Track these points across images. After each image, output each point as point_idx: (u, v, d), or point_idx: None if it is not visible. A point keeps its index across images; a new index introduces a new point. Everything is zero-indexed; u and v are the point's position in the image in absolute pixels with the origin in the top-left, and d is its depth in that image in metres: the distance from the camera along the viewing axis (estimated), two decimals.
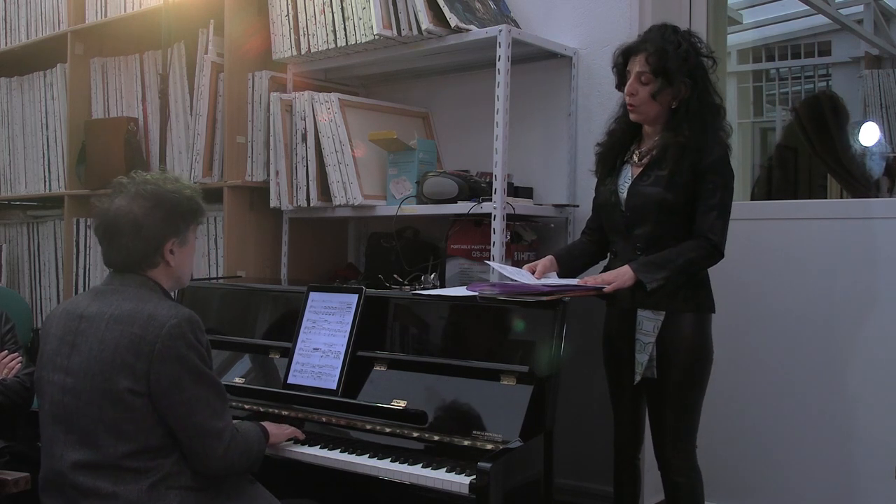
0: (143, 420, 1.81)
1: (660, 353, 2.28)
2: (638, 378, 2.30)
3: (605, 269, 2.46)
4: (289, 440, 2.26)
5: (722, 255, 2.25)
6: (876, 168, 4.03)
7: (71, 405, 1.84)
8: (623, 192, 2.34)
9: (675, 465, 2.31)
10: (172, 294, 2.04)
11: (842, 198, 3.64)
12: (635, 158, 2.37)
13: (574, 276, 2.46)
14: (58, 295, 3.94)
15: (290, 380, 2.43)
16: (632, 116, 2.34)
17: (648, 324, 2.27)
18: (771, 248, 2.90)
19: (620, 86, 2.40)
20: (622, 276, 2.20)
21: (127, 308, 1.86)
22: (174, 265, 1.98)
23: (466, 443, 2.08)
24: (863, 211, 2.81)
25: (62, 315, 1.95)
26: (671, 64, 2.23)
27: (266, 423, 2.15)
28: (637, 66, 2.29)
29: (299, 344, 2.46)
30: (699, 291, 2.30)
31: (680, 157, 2.23)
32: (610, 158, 2.42)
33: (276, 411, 2.41)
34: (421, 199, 2.86)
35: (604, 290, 2.19)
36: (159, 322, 1.82)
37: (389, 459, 2.10)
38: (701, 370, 2.30)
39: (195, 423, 1.83)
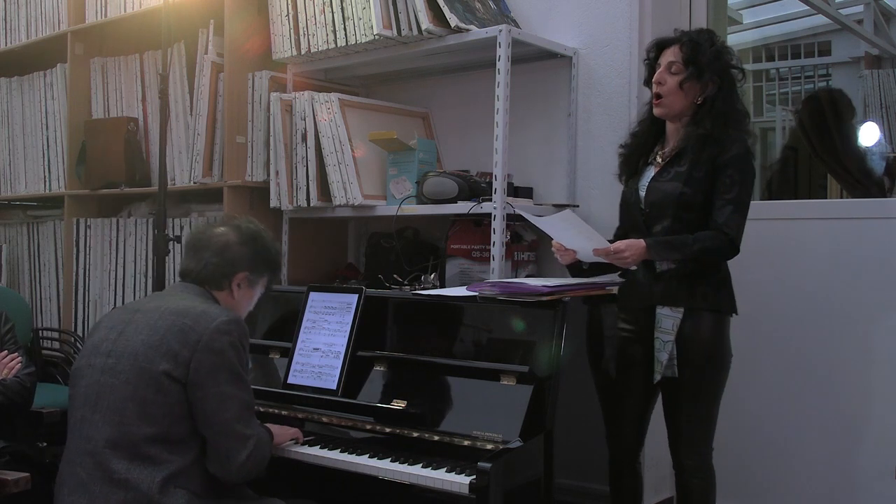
0: (173, 407, 1.87)
1: (677, 353, 2.25)
2: (658, 377, 2.26)
3: (622, 275, 2.45)
4: (290, 440, 2.26)
5: (737, 251, 2.23)
6: (876, 168, 4.03)
7: (106, 384, 1.90)
8: (643, 190, 2.34)
9: (689, 466, 2.29)
10: None
11: (842, 198, 3.64)
12: (658, 159, 2.36)
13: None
14: (58, 295, 3.93)
15: (290, 380, 2.43)
16: (656, 111, 2.33)
17: (667, 321, 2.24)
18: (771, 248, 2.89)
19: (649, 81, 2.39)
20: (634, 247, 2.19)
21: (183, 304, 1.98)
22: (236, 299, 2.11)
23: (466, 443, 2.08)
24: (863, 211, 2.81)
25: (117, 311, 2.09)
26: (703, 57, 2.25)
27: (269, 426, 2.16)
28: (669, 56, 2.31)
29: (299, 344, 2.46)
30: (719, 291, 2.28)
31: (700, 150, 2.23)
32: (633, 160, 2.42)
33: (276, 411, 2.41)
34: (421, 199, 2.86)
35: (614, 253, 2.20)
36: (211, 317, 1.93)
37: (389, 459, 2.10)
38: (717, 373, 2.28)
39: (223, 420, 1.89)
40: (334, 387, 2.35)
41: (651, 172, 2.36)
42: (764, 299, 2.88)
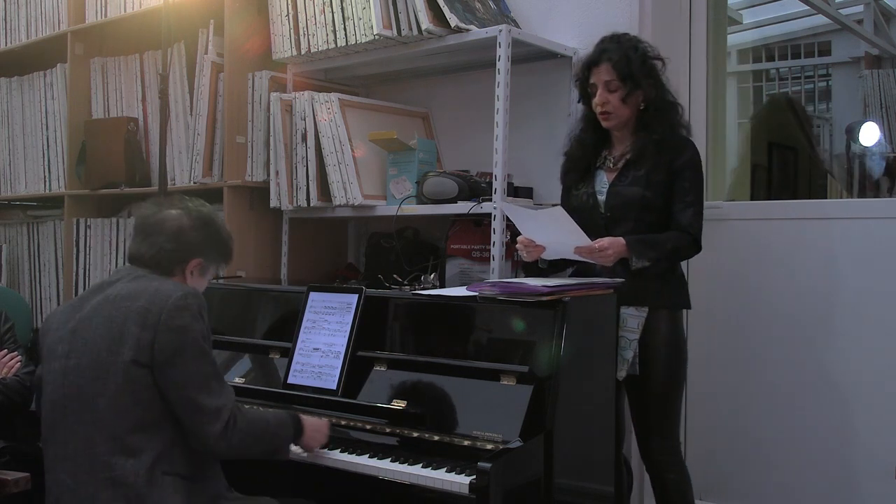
0: (142, 393, 1.83)
1: (640, 352, 2.34)
2: (623, 375, 2.33)
3: (573, 274, 2.49)
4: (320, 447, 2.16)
5: (700, 249, 2.35)
6: (876, 168, 4.04)
7: (72, 385, 1.87)
8: (602, 195, 2.41)
9: (663, 462, 2.36)
10: None
11: (842, 198, 3.64)
12: (609, 164, 2.44)
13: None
14: (58, 295, 3.94)
15: (290, 380, 2.43)
16: (606, 125, 2.42)
17: (633, 321, 2.33)
18: (770, 247, 2.90)
19: (584, 100, 2.48)
20: (616, 245, 2.25)
21: (133, 287, 1.92)
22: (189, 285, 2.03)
23: (466, 443, 2.08)
24: (863, 211, 2.81)
25: (65, 310, 2.01)
26: (634, 67, 2.33)
27: (308, 418, 2.12)
28: (603, 75, 2.38)
29: (299, 344, 2.46)
30: (679, 289, 2.41)
31: (657, 155, 2.32)
32: (581, 166, 2.49)
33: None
34: (421, 199, 2.86)
35: (598, 251, 2.23)
36: (165, 294, 1.88)
37: (389, 459, 2.10)
38: (680, 367, 2.38)
39: (189, 397, 1.84)
40: (334, 387, 2.35)
41: (604, 177, 2.44)
42: (762, 299, 2.88)
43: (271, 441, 1.98)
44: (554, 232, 2.31)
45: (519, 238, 2.39)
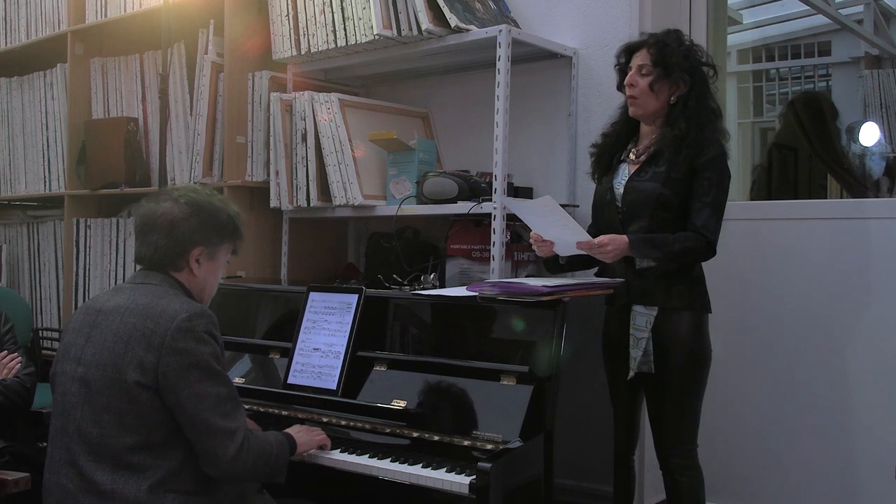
0: (148, 413, 1.81)
1: (658, 353, 2.29)
2: (632, 373, 2.31)
3: (599, 272, 2.48)
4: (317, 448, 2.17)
5: (714, 253, 2.27)
6: (876, 168, 4.03)
7: (79, 394, 1.85)
8: (619, 189, 2.37)
9: (676, 464, 2.32)
10: None
11: (842, 198, 3.64)
12: (632, 156, 2.39)
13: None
14: (58, 295, 3.94)
15: (290, 380, 2.43)
16: (631, 111, 2.37)
17: (641, 319, 2.30)
18: (771, 247, 2.90)
19: (621, 86, 2.41)
20: (617, 241, 2.23)
21: (144, 302, 1.87)
22: (199, 276, 1.99)
23: (466, 443, 2.08)
24: (863, 211, 2.81)
25: (82, 310, 1.98)
26: (670, 57, 2.29)
27: (295, 429, 2.12)
28: (638, 59, 2.34)
29: (299, 344, 2.46)
30: (694, 290, 2.32)
31: (677, 151, 2.26)
32: (605, 158, 2.45)
33: (276, 411, 2.41)
34: (421, 199, 2.86)
35: (598, 247, 2.22)
36: (171, 315, 1.83)
37: (389, 459, 2.10)
38: (699, 371, 2.31)
39: (203, 419, 1.80)
40: (334, 387, 2.35)
41: (625, 171, 2.39)
42: (763, 299, 2.88)
43: (275, 463, 1.95)
44: (553, 226, 2.30)
45: (531, 234, 2.39)
